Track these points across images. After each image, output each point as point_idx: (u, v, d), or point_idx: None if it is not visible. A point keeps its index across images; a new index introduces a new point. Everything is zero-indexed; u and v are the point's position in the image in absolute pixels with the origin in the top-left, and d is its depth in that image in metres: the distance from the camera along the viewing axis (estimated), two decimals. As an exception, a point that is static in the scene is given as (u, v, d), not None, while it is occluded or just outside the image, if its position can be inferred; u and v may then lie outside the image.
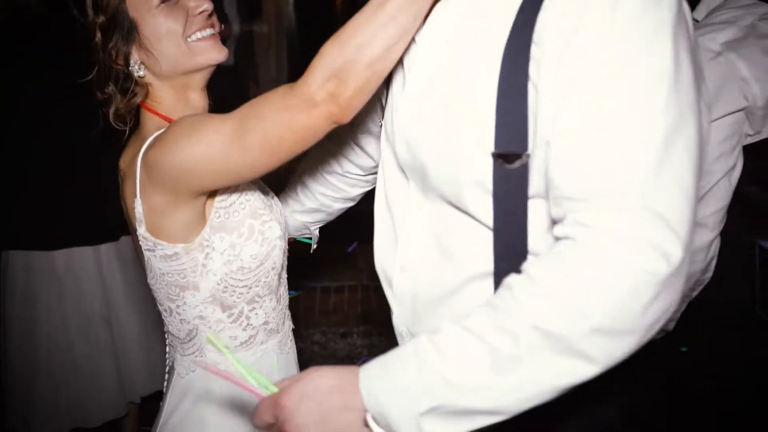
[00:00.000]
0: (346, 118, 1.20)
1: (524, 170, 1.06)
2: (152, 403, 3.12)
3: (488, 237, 1.12)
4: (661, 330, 1.70)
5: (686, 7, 1.05)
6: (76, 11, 1.45)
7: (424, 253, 1.24)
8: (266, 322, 1.56)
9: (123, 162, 1.47)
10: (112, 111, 1.49)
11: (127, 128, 1.51)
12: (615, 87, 0.97)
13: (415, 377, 0.98)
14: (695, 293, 1.87)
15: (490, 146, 1.08)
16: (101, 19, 1.43)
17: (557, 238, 1.00)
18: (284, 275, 1.63)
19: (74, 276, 2.81)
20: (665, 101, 0.97)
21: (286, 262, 1.61)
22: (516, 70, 1.05)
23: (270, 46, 6.83)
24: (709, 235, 1.80)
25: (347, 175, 1.77)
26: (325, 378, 1.06)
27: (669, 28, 0.99)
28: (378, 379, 1.02)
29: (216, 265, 1.46)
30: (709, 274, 1.85)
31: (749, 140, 1.82)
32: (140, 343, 2.95)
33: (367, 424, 1.02)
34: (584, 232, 0.96)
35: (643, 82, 0.97)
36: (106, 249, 2.87)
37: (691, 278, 1.81)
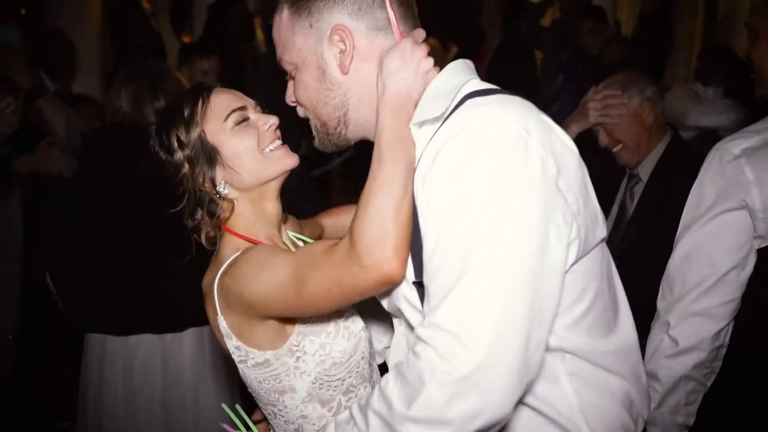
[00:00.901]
0: (399, 273, 1.26)
1: None
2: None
3: None
4: (683, 425, 1.78)
5: (529, 145, 1.23)
6: (162, 152, 1.58)
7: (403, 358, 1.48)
8: None
9: (204, 282, 1.57)
10: (203, 236, 1.60)
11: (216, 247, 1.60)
12: (439, 227, 1.23)
13: None
14: (709, 383, 1.98)
15: (411, 276, 1.32)
16: (186, 152, 1.56)
17: None
18: (374, 362, 1.68)
19: (142, 359, 3.15)
20: (482, 236, 1.18)
21: (374, 349, 1.68)
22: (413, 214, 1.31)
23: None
24: (715, 326, 1.92)
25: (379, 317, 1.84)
26: None
27: (497, 175, 1.20)
28: None
29: (309, 366, 1.53)
30: (718, 363, 1.96)
31: (760, 243, 1.91)
32: (191, 428, 3.20)
33: None
34: (415, 341, 1.23)
35: (463, 219, 1.20)
36: (171, 338, 3.18)
37: (700, 366, 1.94)
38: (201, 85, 1.64)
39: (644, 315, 2.64)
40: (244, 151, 1.56)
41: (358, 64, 1.40)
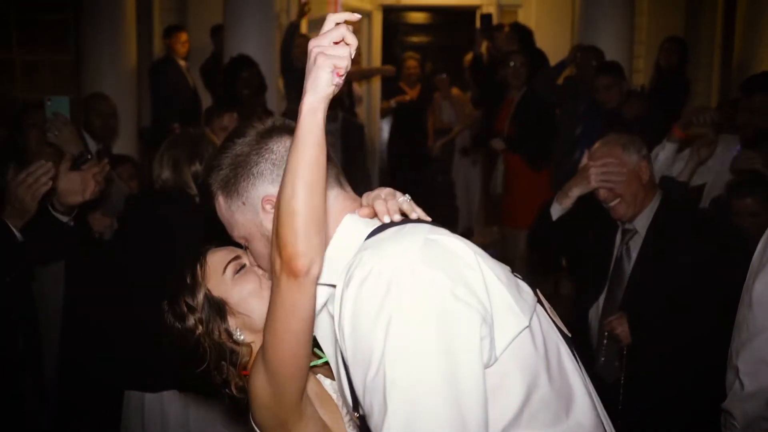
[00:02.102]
0: (302, 265, 1.30)
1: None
2: None
3: None
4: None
5: (414, 270, 1.31)
6: (177, 322, 1.66)
7: None
8: None
9: (249, 426, 1.62)
10: (233, 388, 1.65)
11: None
12: (360, 372, 1.33)
13: None
14: None
15: (350, 405, 1.45)
16: (197, 315, 1.64)
17: None
18: None
19: (176, 414, 3.34)
20: (389, 374, 1.27)
21: None
22: (337, 351, 1.43)
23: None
24: None
25: None
26: None
27: (386, 311, 1.29)
28: None
29: None
30: None
31: None
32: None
33: None
34: None
35: (373, 363, 1.29)
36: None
37: None
38: (195, 253, 1.74)
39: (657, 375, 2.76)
40: (249, 295, 1.65)
41: None
